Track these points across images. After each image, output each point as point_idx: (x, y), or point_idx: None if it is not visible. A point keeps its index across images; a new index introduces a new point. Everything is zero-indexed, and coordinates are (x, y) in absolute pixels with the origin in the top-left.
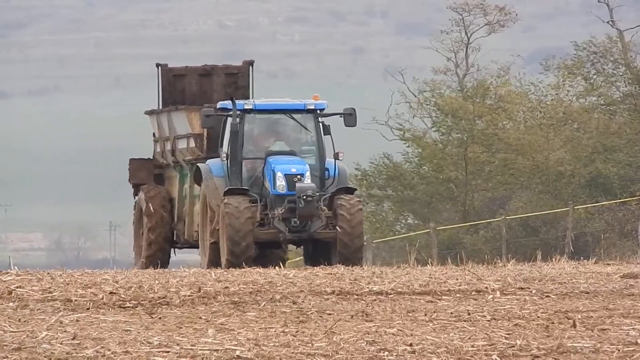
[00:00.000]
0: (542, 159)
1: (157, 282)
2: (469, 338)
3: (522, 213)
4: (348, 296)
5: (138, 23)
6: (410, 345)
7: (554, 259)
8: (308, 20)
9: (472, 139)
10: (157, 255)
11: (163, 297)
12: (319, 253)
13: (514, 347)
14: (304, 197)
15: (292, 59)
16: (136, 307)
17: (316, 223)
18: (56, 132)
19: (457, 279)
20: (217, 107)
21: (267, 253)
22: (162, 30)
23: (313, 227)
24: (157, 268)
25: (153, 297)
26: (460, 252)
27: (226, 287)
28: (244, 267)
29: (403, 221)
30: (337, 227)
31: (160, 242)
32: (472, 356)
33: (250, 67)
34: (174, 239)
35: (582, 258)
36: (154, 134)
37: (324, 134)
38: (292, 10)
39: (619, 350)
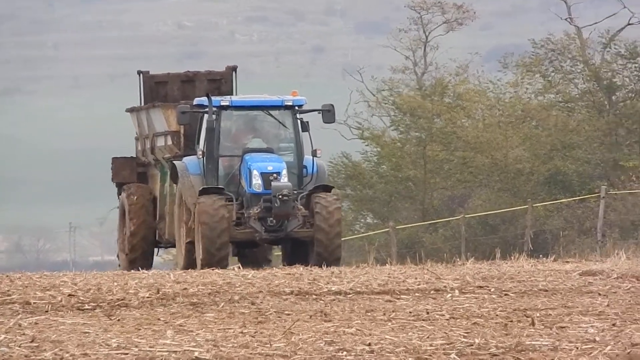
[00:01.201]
0: (501, 157)
1: (115, 284)
2: (428, 337)
3: (481, 211)
4: (307, 296)
5: (96, 24)
6: (369, 344)
7: (513, 257)
8: (267, 19)
9: (430, 138)
10: (140, 256)
11: (122, 299)
12: (297, 252)
13: (472, 345)
14: (280, 196)
15: (251, 58)
16: (95, 309)
17: (293, 222)
18: (15, 133)
19: (416, 278)
20: (194, 103)
21: (247, 253)
22: (121, 31)
23: (290, 226)
24: (141, 268)
25: (112, 299)
26: (419, 251)
27: (185, 289)
28: (220, 267)
29: (362, 220)
30: (314, 226)
31: (142, 243)
32: (430, 355)
33: (234, 73)
34: (157, 238)
35: (541, 256)
36: (136, 132)
37: (303, 131)
38: (250, 10)
39: (577, 348)
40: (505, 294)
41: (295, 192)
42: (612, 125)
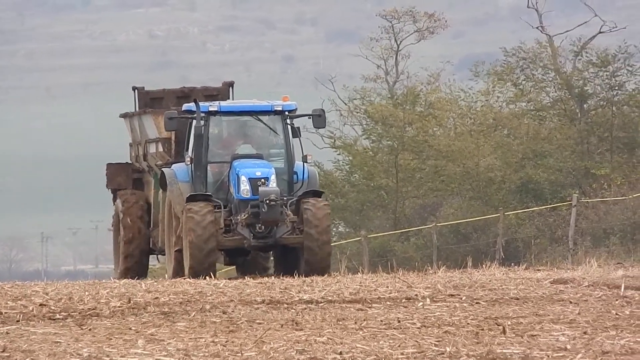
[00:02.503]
0: (473, 165)
1: (87, 293)
2: (399, 346)
3: (453, 220)
4: (278, 305)
5: (68, 34)
6: (340, 353)
7: (484, 265)
8: (238, 29)
9: (402, 146)
10: (134, 263)
11: (93, 309)
12: (288, 259)
13: (443, 354)
14: (267, 201)
15: (222, 68)
16: (66, 318)
17: (282, 228)
18: None
19: (387, 287)
20: (182, 109)
21: (245, 262)
22: (93, 40)
23: (279, 232)
24: (135, 277)
25: (83, 309)
26: (391, 260)
27: (156, 298)
28: (208, 276)
29: (334, 229)
30: (304, 234)
31: (137, 251)
32: None
33: (230, 89)
34: (151, 246)
35: (512, 264)
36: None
37: (293, 137)
38: (221, 20)
39: (548, 356)
40: (477, 303)
41: (284, 197)
42: (583, 134)
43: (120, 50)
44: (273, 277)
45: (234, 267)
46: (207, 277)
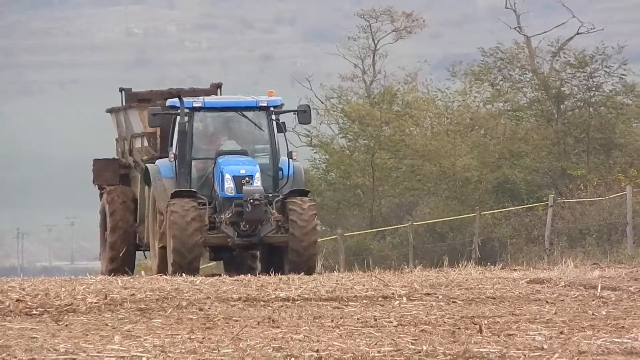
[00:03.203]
0: (449, 165)
1: (63, 289)
2: (376, 344)
3: (429, 219)
4: (255, 302)
5: (45, 31)
6: (317, 351)
7: (460, 265)
8: (216, 27)
9: (379, 145)
10: (120, 259)
11: (69, 305)
12: (274, 258)
13: (420, 352)
14: (251, 200)
15: (199, 66)
16: (43, 314)
17: (266, 227)
18: None
19: (363, 285)
20: (166, 104)
21: (232, 260)
22: (70, 37)
23: (263, 231)
24: (122, 273)
25: (60, 305)
26: (367, 258)
27: (133, 294)
28: (191, 273)
29: None
30: (289, 234)
31: (123, 247)
32: None
33: (219, 90)
34: (137, 242)
35: (488, 264)
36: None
37: (278, 132)
38: (199, 17)
39: (525, 356)
40: (453, 302)
41: (269, 195)
42: (560, 134)
43: (97, 47)
44: (249, 275)
45: (214, 263)
46: (191, 275)
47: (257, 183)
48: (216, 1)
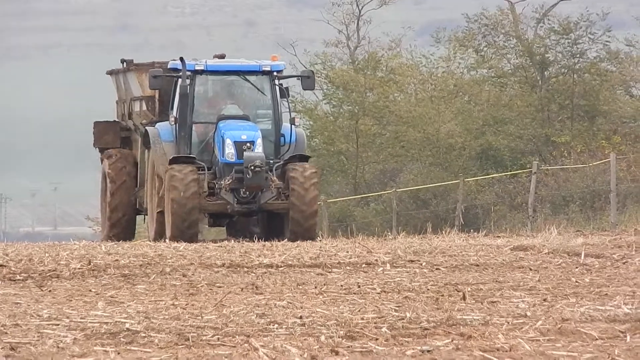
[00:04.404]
0: (433, 132)
1: (47, 254)
2: (359, 310)
3: (413, 185)
4: (238, 269)
5: None
6: (300, 317)
7: (444, 232)
8: None
9: (363, 112)
10: (121, 223)
11: (53, 270)
12: (273, 224)
13: (403, 319)
14: (252, 167)
15: (182, 31)
16: (26, 280)
17: (266, 194)
18: None
19: (347, 252)
20: (167, 67)
21: (235, 223)
22: (54, 2)
23: (263, 198)
24: (122, 238)
25: (43, 270)
26: (350, 225)
27: (116, 260)
28: (190, 240)
29: None
30: (289, 203)
31: (123, 210)
32: (362, 329)
33: None
34: (137, 206)
35: (472, 231)
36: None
37: (281, 97)
38: None
39: (508, 323)
40: (437, 269)
41: (270, 161)
42: (544, 101)
43: (80, 12)
44: (232, 240)
45: (223, 228)
46: (190, 241)
47: (259, 149)
48: None
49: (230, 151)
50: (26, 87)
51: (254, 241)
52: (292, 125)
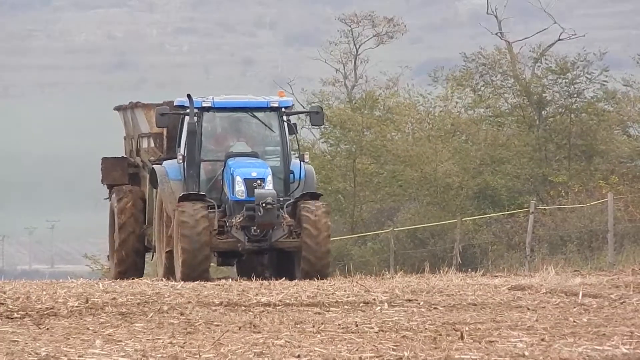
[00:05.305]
0: (431, 171)
1: (44, 292)
2: (357, 350)
3: (410, 225)
4: (236, 307)
5: (27, 33)
6: (298, 356)
7: (442, 271)
8: (196, 31)
9: (360, 150)
10: (129, 262)
11: (51, 308)
12: (284, 263)
13: (401, 358)
14: (263, 204)
15: (180, 69)
16: (24, 317)
17: (278, 232)
18: None
19: (345, 291)
20: (174, 104)
21: (244, 262)
22: (51, 40)
23: (274, 236)
24: (130, 277)
25: (41, 308)
26: (348, 264)
27: (114, 298)
28: (200, 280)
29: None
30: (302, 242)
31: (132, 248)
32: None
33: None
34: (146, 244)
35: (470, 270)
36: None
37: (289, 134)
38: (180, 21)
39: None
40: (435, 308)
41: (281, 199)
42: (541, 141)
43: (78, 50)
44: (230, 279)
45: (228, 267)
46: (201, 281)
47: (269, 186)
48: (197, 5)
49: (240, 189)
50: (23, 125)
51: (245, 280)
52: (302, 162)
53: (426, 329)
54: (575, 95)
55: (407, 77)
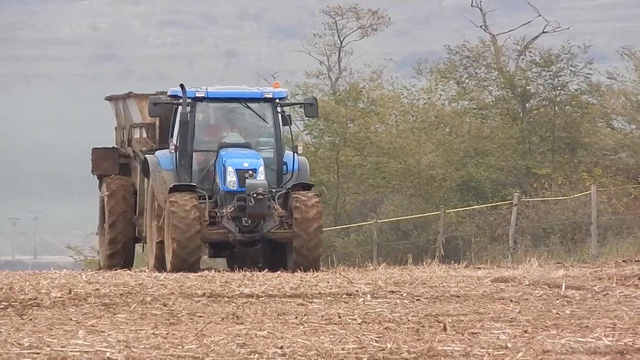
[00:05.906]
0: (414, 163)
1: (27, 283)
2: (340, 341)
3: (394, 216)
4: (219, 298)
5: (10, 25)
6: (281, 348)
7: (425, 263)
8: (181, 23)
9: (344, 143)
10: (119, 252)
11: (34, 299)
12: (276, 254)
13: (384, 350)
14: (254, 195)
15: (164, 62)
16: (7, 308)
17: (269, 223)
18: None
19: (328, 282)
20: (168, 94)
21: (236, 254)
22: (36, 32)
23: (266, 227)
24: (121, 267)
25: (24, 299)
26: (331, 255)
27: (97, 289)
28: (191, 271)
29: None
30: (293, 233)
31: (122, 239)
32: (342, 359)
33: None
34: (136, 235)
35: (453, 262)
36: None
37: (283, 125)
38: (164, 13)
39: (489, 354)
40: (417, 299)
41: (272, 190)
42: (525, 133)
43: (62, 42)
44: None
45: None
46: (191, 272)
47: (261, 177)
48: None
49: (232, 179)
50: (7, 117)
51: (233, 271)
52: (295, 153)
53: (409, 320)
54: (559, 88)
55: (391, 69)
